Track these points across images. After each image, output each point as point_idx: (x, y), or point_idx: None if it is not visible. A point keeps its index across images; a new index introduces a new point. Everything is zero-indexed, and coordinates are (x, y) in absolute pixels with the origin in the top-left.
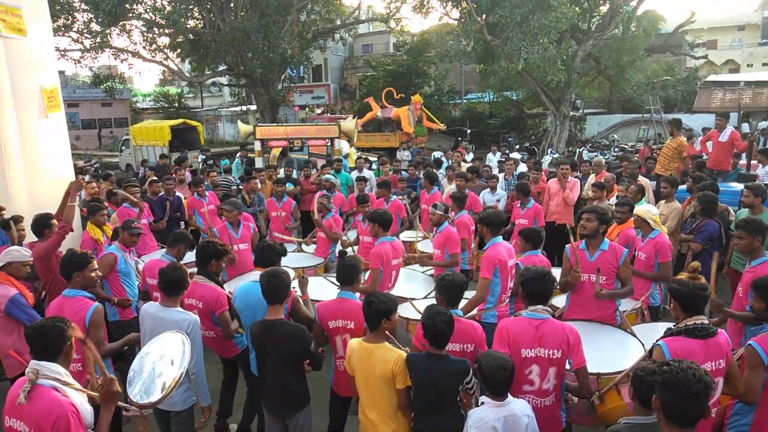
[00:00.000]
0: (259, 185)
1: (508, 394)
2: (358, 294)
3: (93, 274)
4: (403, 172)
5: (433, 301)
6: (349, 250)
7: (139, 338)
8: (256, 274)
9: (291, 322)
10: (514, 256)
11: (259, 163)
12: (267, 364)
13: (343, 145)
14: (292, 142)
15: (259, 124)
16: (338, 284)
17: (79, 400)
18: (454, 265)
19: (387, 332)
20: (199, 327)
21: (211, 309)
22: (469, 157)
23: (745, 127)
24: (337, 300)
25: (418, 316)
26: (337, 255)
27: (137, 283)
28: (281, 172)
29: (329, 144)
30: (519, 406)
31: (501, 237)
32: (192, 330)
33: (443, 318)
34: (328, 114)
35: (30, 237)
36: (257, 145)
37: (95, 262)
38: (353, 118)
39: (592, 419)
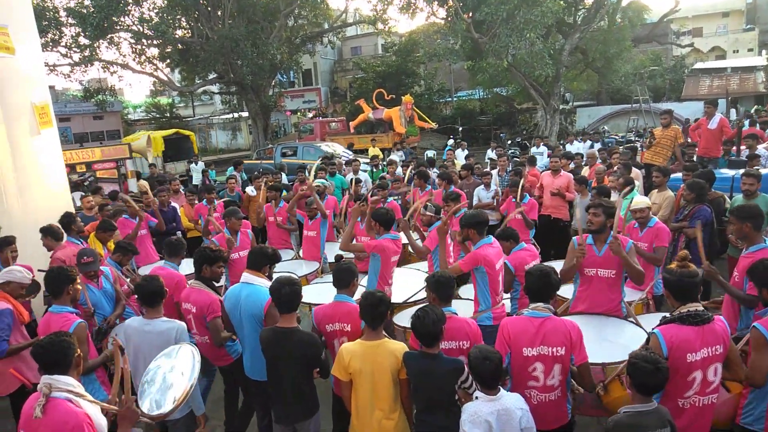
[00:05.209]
0: (254, 192)
1: (500, 388)
2: (355, 297)
3: (79, 287)
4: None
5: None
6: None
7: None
8: (246, 276)
9: (304, 331)
10: (502, 255)
11: None
12: (280, 371)
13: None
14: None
15: None
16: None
17: (94, 411)
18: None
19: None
20: (187, 334)
21: (203, 314)
22: (464, 153)
23: (734, 114)
24: (333, 303)
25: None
26: (333, 259)
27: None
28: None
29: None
30: (511, 400)
31: (491, 238)
32: (180, 337)
33: (430, 317)
34: (320, 117)
35: (22, 258)
36: None
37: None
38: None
39: (599, 411)
